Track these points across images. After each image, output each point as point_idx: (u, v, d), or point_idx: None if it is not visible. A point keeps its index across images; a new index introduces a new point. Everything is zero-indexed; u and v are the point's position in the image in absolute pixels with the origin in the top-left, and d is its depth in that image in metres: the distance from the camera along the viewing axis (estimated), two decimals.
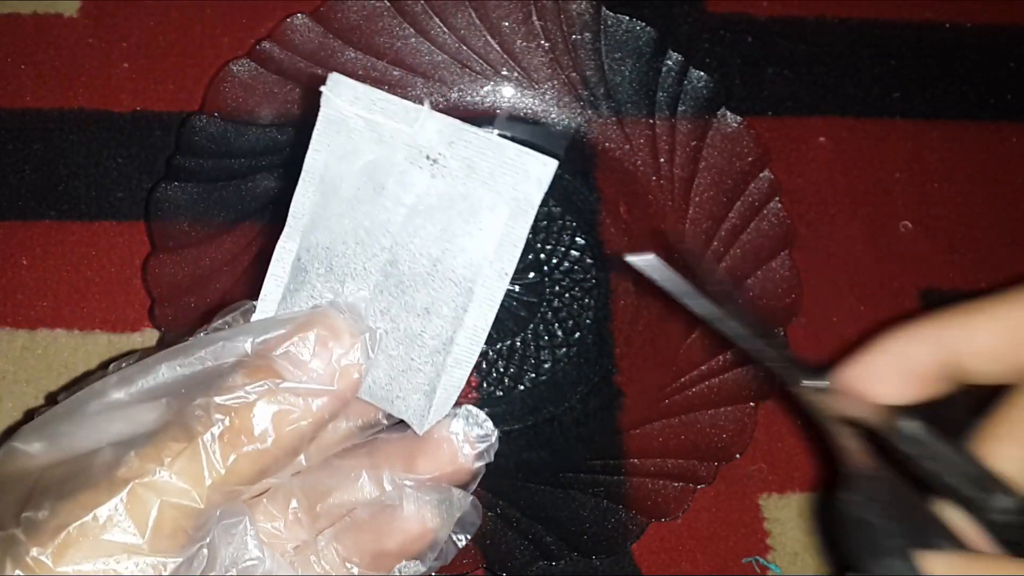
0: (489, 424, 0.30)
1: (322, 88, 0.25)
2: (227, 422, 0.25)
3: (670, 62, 0.45)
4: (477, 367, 0.43)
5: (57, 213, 0.45)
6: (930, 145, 0.50)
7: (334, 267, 0.27)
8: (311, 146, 0.26)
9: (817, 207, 0.48)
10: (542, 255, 0.45)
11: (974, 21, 0.52)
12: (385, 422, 0.30)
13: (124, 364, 0.28)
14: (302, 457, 0.28)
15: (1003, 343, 0.26)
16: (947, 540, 0.25)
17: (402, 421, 0.29)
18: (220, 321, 0.28)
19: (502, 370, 0.43)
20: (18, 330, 0.43)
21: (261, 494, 0.30)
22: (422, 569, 0.30)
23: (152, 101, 0.47)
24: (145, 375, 0.26)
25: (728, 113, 0.45)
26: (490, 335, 0.43)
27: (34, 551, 0.23)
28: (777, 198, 0.43)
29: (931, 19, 0.52)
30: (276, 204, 0.44)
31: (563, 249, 0.45)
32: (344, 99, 0.25)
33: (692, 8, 0.51)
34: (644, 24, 0.45)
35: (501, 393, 0.43)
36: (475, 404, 0.42)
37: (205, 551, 0.26)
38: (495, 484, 0.40)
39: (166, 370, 0.26)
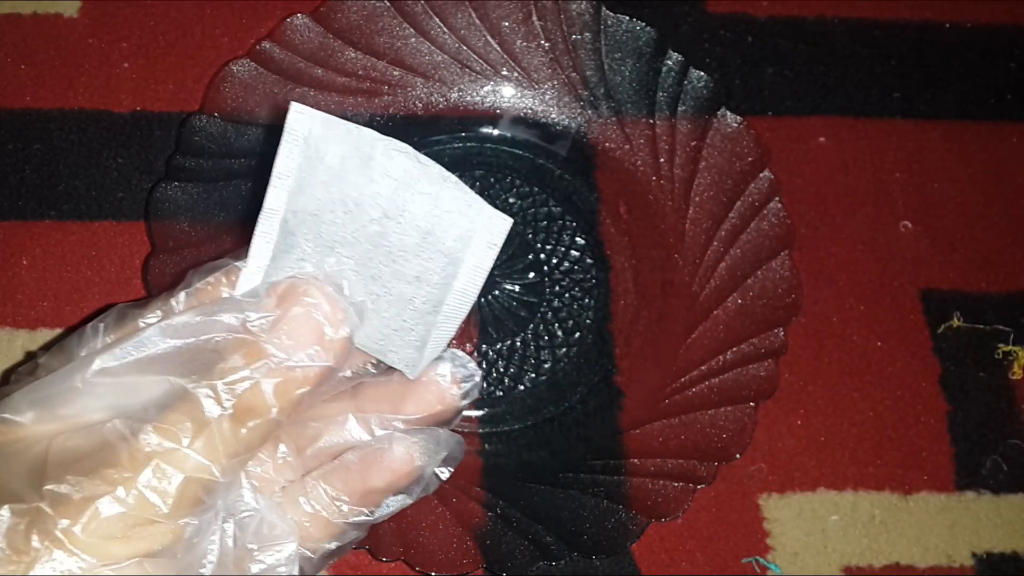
0: (473, 365, 0.31)
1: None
2: (237, 403, 0.26)
3: (670, 62, 0.45)
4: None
5: (57, 213, 0.45)
6: (930, 145, 0.50)
7: (322, 234, 0.27)
8: (292, 107, 0.26)
9: (817, 207, 0.48)
10: (542, 255, 0.45)
11: (974, 21, 0.53)
12: (373, 370, 0.31)
13: (102, 324, 0.29)
14: None
15: None
16: None
17: (389, 366, 0.30)
18: (202, 281, 0.29)
19: (502, 370, 0.43)
20: (18, 330, 0.43)
21: None
22: (409, 501, 0.31)
23: (152, 101, 0.47)
24: (136, 347, 0.27)
25: (728, 113, 0.45)
26: (490, 335, 0.44)
27: (64, 523, 0.24)
28: (777, 198, 0.43)
29: (931, 19, 0.52)
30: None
31: (563, 249, 0.45)
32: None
33: (692, 8, 0.51)
34: (644, 24, 0.45)
35: (501, 393, 0.43)
36: (475, 404, 0.43)
37: (213, 513, 0.27)
38: (495, 484, 0.40)
39: (157, 342, 0.27)
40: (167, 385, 0.27)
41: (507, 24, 0.46)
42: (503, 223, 0.26)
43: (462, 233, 0.26)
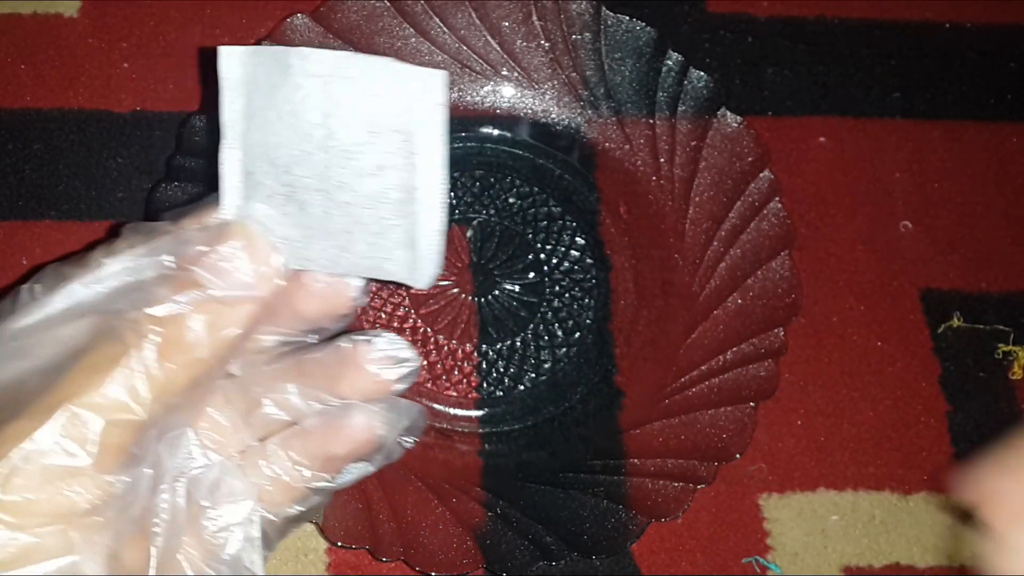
0: (411, 351, 0.30)
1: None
2: (161, 333, 0.25)
3: (670, 62, 0.45)
4: (477, 368, 0.43)
5: (57, 213, 0.45)
6: (930, 145, 0.50)
7: (276, 161, 0.27)
8: (219, 52, 0.26)
9: (817, 207, 0.48)
10: (542, 255, 0.45)
11: (974, 21, 0.53)
12: (312, 340, 0.30)
13: (37, 285, 0.28)
14: (232, 367, 0.29)
15: None
16: None
17: (328, 339, 0.30)
18: (138, 238, 0.28)
19: (502, 370, 0.43)
20: None
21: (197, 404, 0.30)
22: (371, 469, 0.31)
23: (152, 101, 0.47)
24: (61, 296, 0.26)
25: (728, 113, 0.45)
26: (490, 335, 0.44)
27: None
28: (777, 198, 0.43)
29: (931, 19, 0.52)
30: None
31: (563, 249, 0.45)
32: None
33: (692, 8, 0.51)
34: (644, 24, 0.45)
35: (501, 393, 0.43)
36: (475, 404, 0.43)
37: (150, 470, 0.26)
38: (495, 484, 0.40)
39: (81, 288, 0.26)
40: (88, 325, 0.25)
41: (507, 24, 0.46)
42: (437, 77, 0.25)
43: (403, 105, 0.25)
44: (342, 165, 0.26)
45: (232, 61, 0.26)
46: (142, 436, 0.25)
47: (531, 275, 0.45)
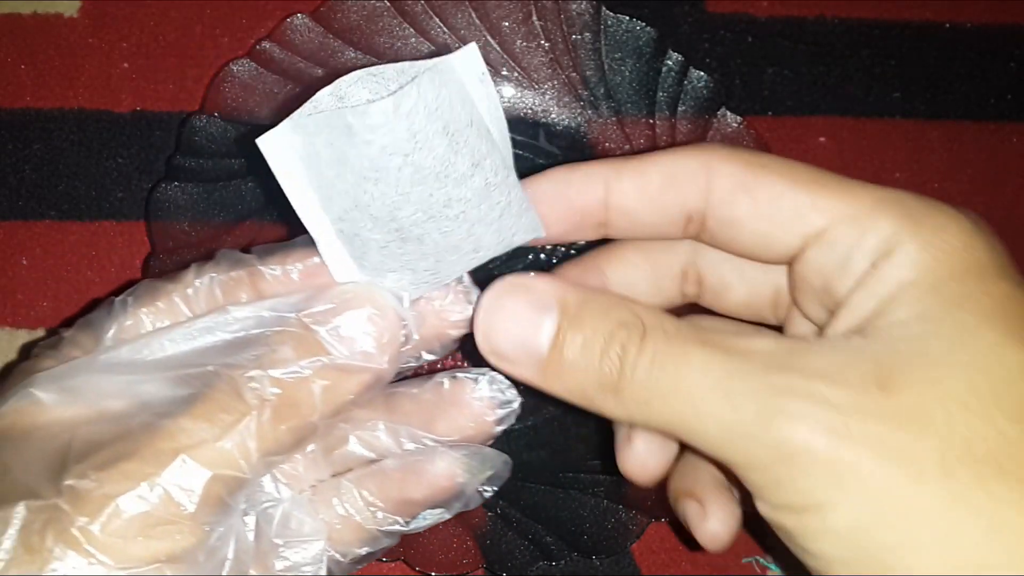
0: (513, 391, 0.30)
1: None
2: (281, 397, 0.25)
3: (670, 62, 0.45)
4: None
5: (57, 213, 0.45)
6: (930, 145, 0.50)
7: (375, 214, 0.26)
8: (259, 144, 0.25)
9: None
10: (542, 255, 0.45)
11: (974, 21, 0.52)
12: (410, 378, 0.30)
13: (130, 298, 0.28)
14: None
15: (651, 188, 0.27)
16: None
17: (422, 375, 0.29)
18: (227, 274, 0.28)
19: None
20: (18, 330, 0.43)
21: None
22: (447, 516, 0.30)
23: (152, 101, 0.47)
24: (181, 338, 0.26)
25: (728, 113, 0.45)
26: None
27: (81, 520, 0.23)
28: None
29: (931, 19, 0.52)
30: (276, 204, 0.44)
31: (563, 249, 0.45)
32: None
33: (692, 8, 0.51)
34: (644, 24, 0.45)
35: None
36: None
37: (239, 519, 0.26)
38: None
39: (203, 334, 0.26)
40: (207, 374, 0.25)
41: (507, 24, 0.46)
42: (471, 51, 0.25)
43: (461, 95, 0.25)
44: (440, 185, 0.26)
45: (276, 148, 0.25)
46: (243, 489, 0.25)
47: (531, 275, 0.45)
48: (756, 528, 0.42)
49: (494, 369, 0.27)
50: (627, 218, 0.28)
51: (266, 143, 0.25)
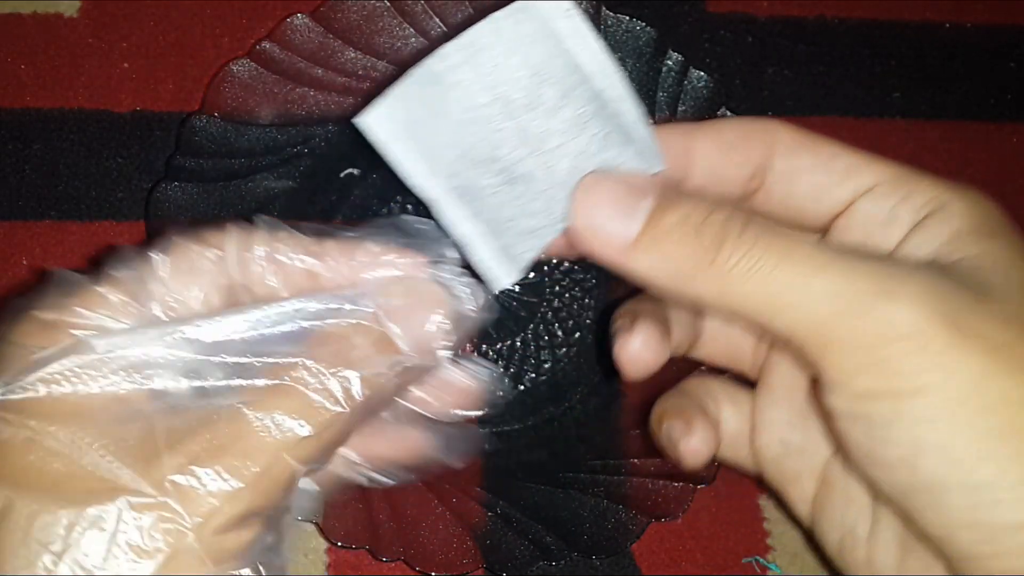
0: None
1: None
2: (367, 397, 0.25)
3: (670, 62, 0.45)
4: None
5: (57, 213, 0.45)
6: (930, 145, 0.50)
7: (477, 158, 0.27)
8: (362, 122, 0.25)
9: None
10: (542, 254, 0.45)
11: (974, 21, 0.52)
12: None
13: (159, 256, 0.27)
14: None
15: (727, 142, 0.29)
16: None
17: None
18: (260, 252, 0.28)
19: (502, 370, 0.43)
20: None
21: None
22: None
23: (152, 101, 0.47)
24: (263, 323, 0.26)
25: (728, 113, 0.45)
26: (490, 335, 0.44)
27: (194, 520, 0.23)
28: None
29: (931, 19, 0.52)
30: (276, 204, 0.44)
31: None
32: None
33: (692, 8, 0.51)
34: (644, 24, 0.45)
35: (501, 393, 0.43)
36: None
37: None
38: (495, 484, 0.40)
39: (283, 319, 0.26)
40: (288, 365, 0.25)
41: None
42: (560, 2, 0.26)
43: (544, 31, 0.26)
44: (532, 118, 0.27)
45: (379, 123, 0.25)
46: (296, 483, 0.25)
47: (531, 275, 0.45)
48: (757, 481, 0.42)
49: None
50: (706, 168, 0.29)
51: (368, 122, 0.25)
